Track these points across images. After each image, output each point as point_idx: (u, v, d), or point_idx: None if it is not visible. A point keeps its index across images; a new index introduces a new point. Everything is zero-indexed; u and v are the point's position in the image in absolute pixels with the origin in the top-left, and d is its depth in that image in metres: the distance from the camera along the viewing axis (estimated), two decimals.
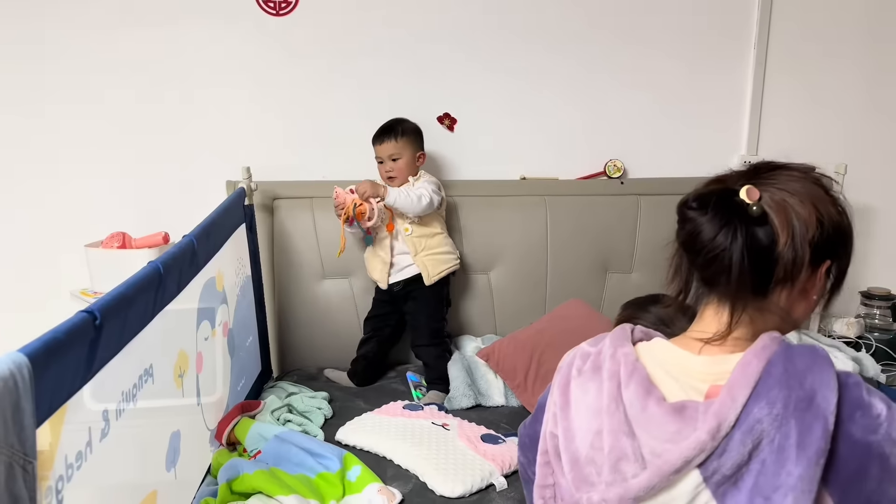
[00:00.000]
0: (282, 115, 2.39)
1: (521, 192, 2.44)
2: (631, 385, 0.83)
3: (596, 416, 0.85)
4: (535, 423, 0.99)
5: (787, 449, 0.73)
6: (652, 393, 0.81)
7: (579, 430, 0.86)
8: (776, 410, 0.74)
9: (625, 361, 0.85)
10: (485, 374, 2.08)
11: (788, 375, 0.75)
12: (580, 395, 0.87)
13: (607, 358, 0.87)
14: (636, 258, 2.43)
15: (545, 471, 0.91)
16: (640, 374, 0.84)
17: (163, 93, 2.34)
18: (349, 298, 2.32)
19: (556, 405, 0.90)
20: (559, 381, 0.91)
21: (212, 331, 1.68)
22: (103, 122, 2.34)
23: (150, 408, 1.25)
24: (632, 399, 0.82)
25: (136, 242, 2.29)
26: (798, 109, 2.58)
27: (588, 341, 0.93)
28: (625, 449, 0.81)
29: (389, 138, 2.12)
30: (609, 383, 0.85)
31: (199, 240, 1.54)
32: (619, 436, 0.82)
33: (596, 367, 0.88)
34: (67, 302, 2.27)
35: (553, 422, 0.90)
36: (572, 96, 2.49)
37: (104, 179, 2.37)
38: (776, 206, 0.82)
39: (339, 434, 1.80)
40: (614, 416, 0.83)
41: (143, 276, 1.23)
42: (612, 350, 0.87)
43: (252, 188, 2.17)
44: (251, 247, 2.14)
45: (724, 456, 0.75)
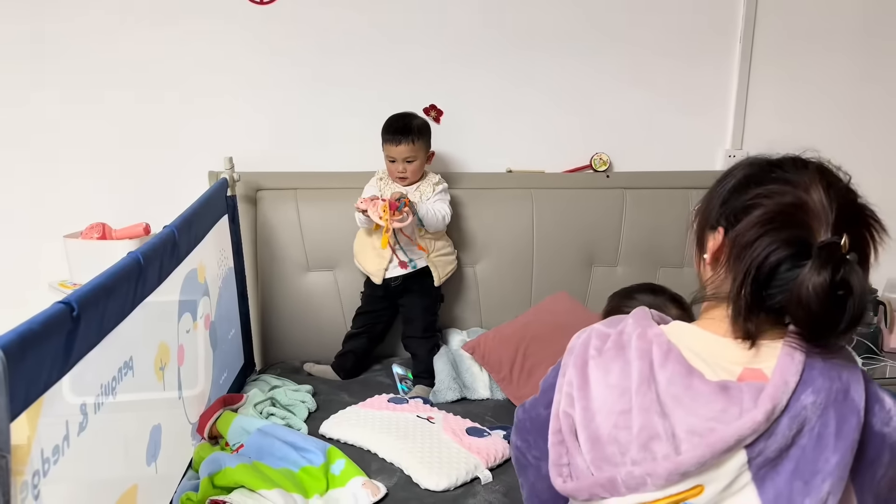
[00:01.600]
0: (266, 104, 2.36)
1: (508, 185, 2.43)
2: (668, 365, 0.82)
3: (622, 395, 0.84)
4: (538, 405, 0.97)
5: (825, 437, 0.76)
6: (693, 372, 0.81)
7: (600, 410, 0.85)
8: (820, 399, 0.77)
9: (657, 342, 0.84)
10: (470, 368, 2.07)
11: (829, 368, 0.79)
12: (601, 374, 0.86)
13: (634, 337, 0.86)
14: (621, 251, 2.43)
15: (559, 450, 0.91)
16: (676, 354, 0.83)
17: (144, 82, 2.29)
18: (334, 291, 2.30)
19: (571, 385, 0.88)
20: (575, 362, 0.89)
21: (193, 323, 1.66)
22: (83, 111, 2.29)
23: (130, 401, 1.23)
24: (671, 378, 0.82)
25: (116, 233, 2.25)
26: (783, 104, 2.59)
27: (602, 322, 0.92)
28: (656, 428, 0.81)
29: (406, 140, 2.06)
30: (640, 362, 0.84)
31: (180, 230, 1.52)
32: (651, 415, 0.81)
33: (620, 347, 0.86)
34: (46, 293, 2.23)
35: (567, 401, 0.88)
36: (559, 89, 2.48)
37: (84, 169, 2.33)
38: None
39: (323, 427, 1.79)
40: (646, 396, 0.82)
41: (122, 266, 1.20)
42: (640, 330, 0.86)
43: (235, 179, 2.14)
44: (234, 238, 2.11)
45: (771, 438, 0.77)
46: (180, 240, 1.52)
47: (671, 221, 2.44)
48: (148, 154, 2.34)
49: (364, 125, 2.33)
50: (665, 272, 2.45)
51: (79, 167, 2.32)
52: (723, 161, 2.60)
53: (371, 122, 2.22)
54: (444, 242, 2.18)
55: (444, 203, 2.14)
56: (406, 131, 2.06)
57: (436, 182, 2.16)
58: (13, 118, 2.27)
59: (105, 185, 2.35)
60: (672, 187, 2.47)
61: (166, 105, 2.32)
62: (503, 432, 1.76)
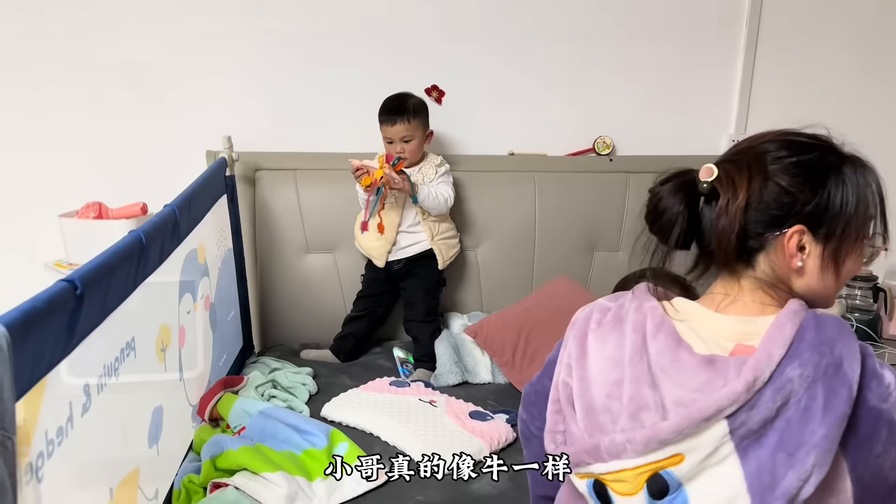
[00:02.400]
0: (264, 83, 2.32)
1: (509, 168, 2.41)
2: (659, 337, 0.84)
3: (616, 366, 0.86)
4: (543, 378, 1.01)
5: (813, 409, 0.76)
6: (682, 344, 0.83)
7: (596, 379, 0.88)
8: (807, 373, 0.77)
9: (652, 314, 0.86)
10: (471, 351, 2.06)
11: (820, 342, 0.78)
12: (598, 346, 0.89)
13: (631, 311, 0.88)
14: (623, 236, 2.42)
15: (556, 418, 0.94)
16: (669, 326, 0.85)
17: (141, 60, 2.25)
18: (333, 274, 2.28)
19: (570, 356, 0.91)
20: (575, 334, 0.92)
21: (194, 304, 1.63)
22: (79, 92, 2.25)
23: (132, 382, 1.20)
24: (661, 349, 0.84)
25: (112, 213, 2.21)
26: (789, 88, 2.58)
27: (606, 297, 0.95)
28: (646, 398, 0.83)
29: (402, 119, 2.03)
30: (633, 335, 0.86)
31: (180, 210, 1.49)
32: (641, 386, 0.83)
33: (618, 320, 0.89)
34: (42, 273, 2.20)
35: (567, 372, 0.91)
36: (563, 71, 2.45)
37: (80, 148, 2.29)
38: (725, 178, 0.85)
39: (325, 410, 1.77)
40: (637, 367, 0.84)
41: (124, 245, 1.18)
42: (637, 303, 0.89)
43: (233, 158, 2.11)
44: (232, 219, 2.08)
45: (753, 410, 0.77)
46: (181, 219, 1.49)
47: None
48: (144, 133, 2.30)
49: (364, 106, 2.28)
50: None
51: (75, 145, 2.28)
52: (726, 145, 2.58)
53: (371, 103, 2.17)
54: (448, 225, 2.16)
55: (447, 185, 2.11)
56: (401, 110, 2.04)
57: (438, 164, 2.13)
58: (7, 96, 2.22)
59: (101, 164, 2.31)
60: None
61: (164, 83, 2.28)
62: (506, 416, 1.75)
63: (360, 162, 1.96)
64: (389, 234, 2.06)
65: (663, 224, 0.89)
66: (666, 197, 0.89)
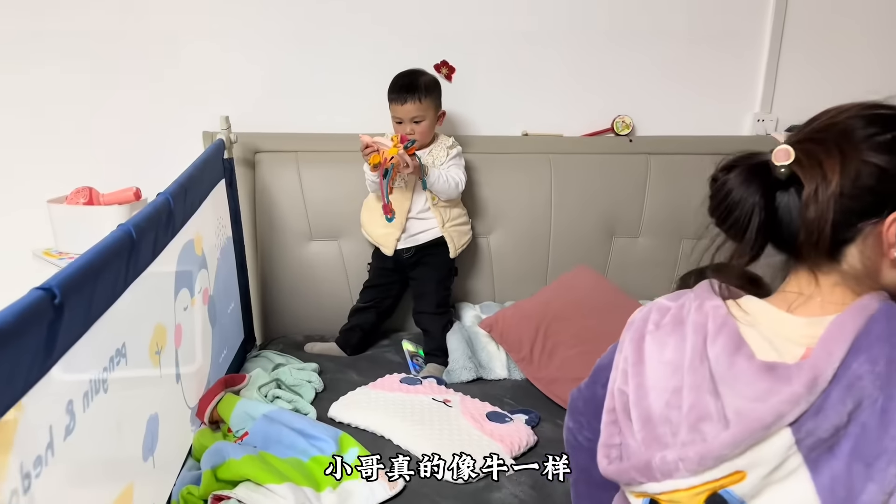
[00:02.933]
0: (264, 59, 2.18)
1: (523, 150, 2.28)
2: (719, 339, 0.76)
3: (675, 372, 0.79)
4: (594, 384, 0.94)
5: (891, 412, 0.67)
6: (741, 349, 0.75)
7: (654, 387, 0.81)
8: (878, 368, 0.68)
9: (713, 314, 0.78)
10: (486, 346, 1.95)
11: (891, 333, 0.69)
12: (656, 349, 0.82)
13: (692, 311, 0.80)
14: (644, 221, 2.30)
15: (612, 430, 0.87)
16: (731, 328, 0.77)
17: (133, 37, 2.11)
18: (338, 262, 2.16)
19: (626, 361, 0.84)
20: (632, 336, 0.85)
21: (191, 299, 1.51)
22: (67, 68, 2.11)
23: (123, 393, 1.09)
24: (719, 354, 0.76)
25: (104, 198, 2.09)
26: (817, 65, 2.44)
27: (666, 296, 0.86)
28: (707, 408, 0.75)
29: (413, 98, 1.89)
30: (694, 337, 0.78)
31: (175, 198, 1.36)
32: (702, 394, 0.76)
33: (678, 321, 0.81)
34: (30, 262, 2.08)
35: (623, 378, 0.85)
36: (579, 48, 2.31)
37: (69, 130, 2.15)
38: (807, 160, 0.74)
39: (332, 410, 1.67)
40: (697, 373, 0.77)
41: (112, 242, 1.05)
42: (699, 303, 0.80)
43: (232, 140, 1.98)
44: (231, 205, 1.96)
45: (819, 415, 0.69)
46: (175, 208, 1.37)
47: (697, 190, 2.28)
48: (138, 113, 2.17)
49: (370, 83, 2.16)
50: (689, 244, 2.32)
51: (64, 127, 2.15)
52: (751, 126, 2.45)
53: (377, 81, 2.05)
54: (460, 211, 2.04)
55: (459, 168, 1.99)
56: (412, 88, 1.90)
57: (449, 145, 2.00)
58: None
59: (92, 146, 2.18)
60: (699, 153, 2.32)
61: (157, 61, 2.14)
62: (525, 416, 1.65)
63: (371, 139, 1.83)
64: (399, 219, 1.94)
65: (737, 219, 0.78)
66: (736, 187, 0.78)
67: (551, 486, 1.43)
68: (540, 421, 1.67)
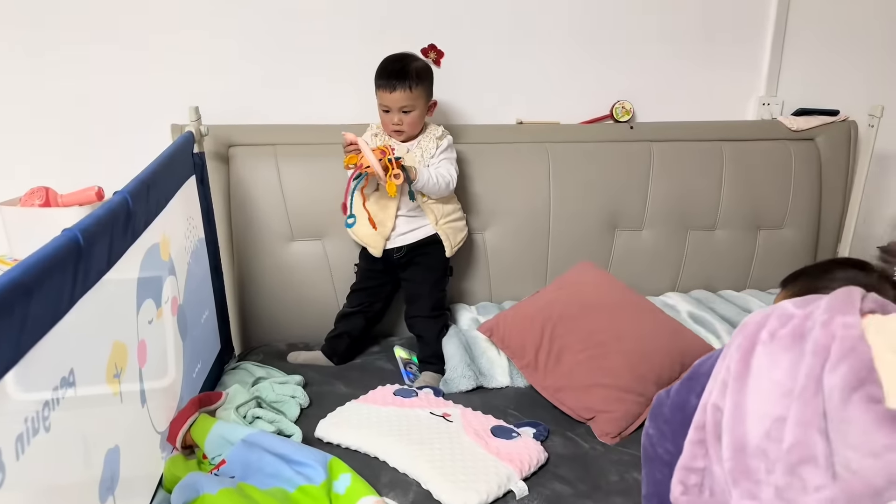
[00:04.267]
0: (238, 44, 2.00)
1: (518, 139, 2.12)
2: (840, 369, 0.62)
3: (783, 397, 0.65)
4: (686, 390, 0.79)
5: None
6: (864, 386, 0.60)
7: (754, 411, 0.67)
8: None
9: (842, 335, 0.64)
10: (486, 351, 1.79)
11: None
12: (767, 365, 0.68)
13: (817, 325, 0.65)
14: (648, 213, 2.15)
15: (696, 450, 0.73)
16: (861, 356, 0.62)
17: (94, 23, 1.92)
18: (322, 263, 1.99)
19: (728, 372, 0.70)
20: (741, 343, 0.71)
21: (157, 311, 1.34)
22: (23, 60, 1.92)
23: (71, 429, 0.92)
24: (833, 388, 0.61)
25: (62, 199, 1.90)
26: (823, 46, 2.31)
27: (794, 300, 0.71)
28: (814, 450, 0.61)
29: (403, 85, 1.72)
30: (812, 359, 0.64)
31: (135, 197, 1.20)
32: (810, 432, 0.62)
33: (798, 335, 0.67)
34: None
35: (720, 392, 0.71)
36: (576, 30, 2.16)
37: (22, 124, 1.96)
38: None
39: (320, 430, 1.50)
40: (809, 406, 0.62)
41: (52, 251, 0.89)
42: (828, 316, 0.66)
43: (202, 133, 1.81)
44: (203, 204, 1.78)
45: None
46: (136, 208, 1.20)
47: (702, 178, 2.17)
48: (99, 104, 1.99)
49: (353, 70, 2.01)
50: (695, 235, 2.19)
51: (16, 120, 1.96)
52: (755, 110, 2.32)
53: (360, 67, 1.89)
54: (454, 206, 1.88)
55: (450, 162, 1.82)
56: (402, 75, 1.73)
57: (439, 136, 1.84)
58: None
59: (48, 142, 1.99)
60: (703, 139, 2.19)
61: (121, 45, 1.95)
62: (533, 430, 1.50)
63: (355, 137, 1.66)
64: (387, 219, 1.78)
65: None
66: None
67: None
68: (549, 434, 1.53)
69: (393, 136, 1.81)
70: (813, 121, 2.24)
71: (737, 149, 2.18)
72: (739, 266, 2.22)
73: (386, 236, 1.79)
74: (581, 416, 1.58)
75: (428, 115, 1.84)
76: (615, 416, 1.54)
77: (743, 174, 2.18)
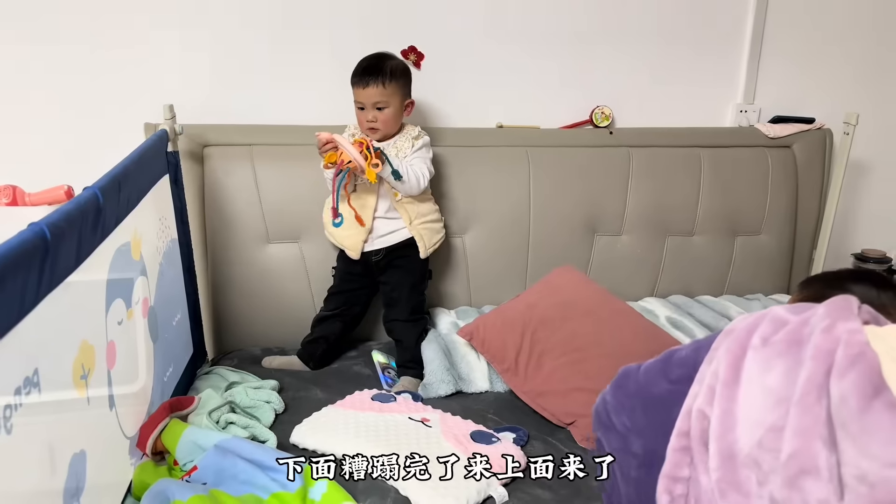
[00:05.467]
0: (214, 42, 1.97)
1: (498, 143, 2.11)
2: (850, 375, 0.59)
3: (778, 405, 0.62)
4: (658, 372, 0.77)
5: None
6: (881, 393, 0.58)
7: (745, 418, 0.64)
8: None
9: (848, 341, 0.61)
10: (465, 356, 1.77)
11: None
12: (758, 371, 0.65)
13: (817, 331, 0.63)
14: (627, 218, 2.15)
15: (681, 458, 0.70)
16: (871, 362, 0.59)
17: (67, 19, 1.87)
18: (299, 266, 1.96)
19: (716, 377, 0.68)
20: (730, 347, 0.68)
21: (127, 311, 1.30)
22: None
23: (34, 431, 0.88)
24: (846, 394, 0.58)
25: (30, 198, 1.83)
26: (800, 54, 2.34)
27: (785, 305, 0.70)
28: (816, 460, 0.58)
29: (376, 82, 1.71)
30: (813, 365, 0.61)
31: (105, 193, 1.16)
32: (812, 441, 0.59)
33: (794, 341, 0.65)
34: None
35: (707, 398, 0.68)
36: (556, 34, 2.16)
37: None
38: None
39: (295, 435, 1.47)
40: (810, 412, 0.59)
41: (18, 244, 0.85)
42: (829, 322, 0.63)
43: (177, 131, 1.76)
44: (177, 203, 1.74)
45: None
46: (106, 206, 1.16)
47: (681, 184, 2.18)
48: (70, 101, 1.94)
49: (331, 70, 1.98)
50: (674, 241, 2.19)
51: None
52: (733, 117, 2.34)
53: (339, 67, 1.87)
54: (431, 207, 1.85)
55: (424, 161, 1.79)
56: (376, 71, 1.72)
57: (415, 136, 1.82)
58: None
59: (16, 139, 1.94)
60: (681, 146, 2.20)
61: (93, 41, 1.91)
62: (513, 435, 1.48)
63: (329, 135, 1.64)
64: (366, 221, 1.76)
65: None
66: None
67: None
68: (529, 439, 1.51)
69: (368, 135, 1.79)
70: (789, 128, 2.26)
71: (715, 155, 2.20)
72: (717, 272, 2.23)
73: (364, 238, 1.76)
74: (561, 420, 1.56)
75: (405, 115, 1.82)
76: None
77: (721, 180, 2.19)
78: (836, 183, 2.21)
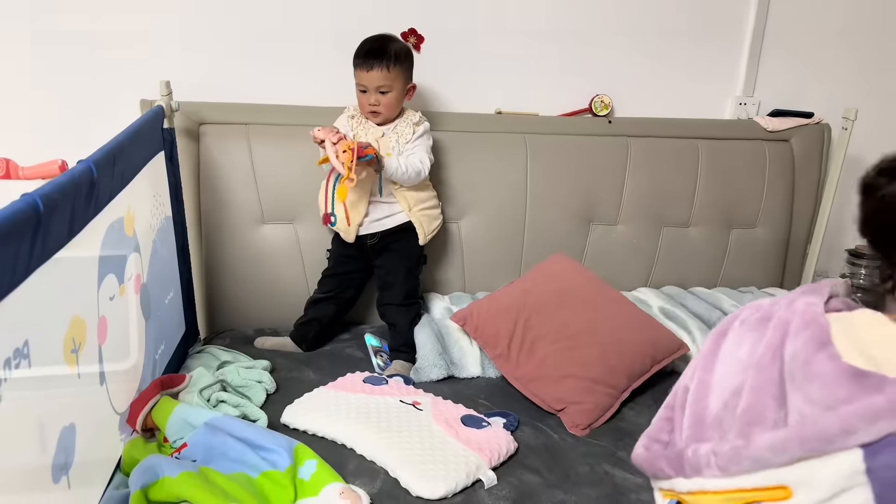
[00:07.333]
0: (211, 20, 1.95)
1: (496, 129, 2.10)
2: (802, 335, 0.65)
3: (743, 371, 0.68)
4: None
5: None
6: (826, 348, 0.63)
7: (717, 385, 0.71)
8: None
9: (804, 310, 0.67)
10: (458, 341, 1.77)
11: None
12: (733, 345, 0.72)
13: (782, 307, 0.69)
14: (623, 208, 2.15)
15: (664, 425, 0.77)
16: (819, 325, 0.65)
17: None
18: (294, 247, 1.95)
19: (700, 355, 0.75)
20: (717, 330, 0.76)
21: (119, 287, 1.30)
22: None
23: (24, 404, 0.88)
24: (796, 351, 0.64)
25: (24, 172, 1.81)
26: (800, 48, 2.32)
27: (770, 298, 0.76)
28: (764, 411, 0.64)
29: (380, 65, 1.69)
30: (773, 332, 0.67)
31: (100, 167, 1.15)
32: (764, 396, 0.65)
33: (765, 318, 0.71)
34: None
35: (690, 373, 0.75)
36: (557, 22, 2.14)
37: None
38: None
39: (286, 415, 1.47)
40: (765, 372, 0.66)
41: (10, 214, 0.85)
42: (792, 297, 0.70)
43: (173, 108, 1.75)
44: (172, 180, 1.73)
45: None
46: (100, 180, 1.15)
47: (678, 175, 2.17)
48: (66, 76, 1.92)
49: (330, 49, 1.96)
50: (669, 232, 2.19)
51: None
52: (732, 110, 2.33)
53: (338, 47, 1.86)
54: (429, 194, 1.85)
55: (424, 150, 1.78)
56: (380, 54, 1.70)
57: (416, 121, 1.81)
58: None
59: (11, 112, 1.92)
60: (680, 136, 2.19)
61: (89, 15, 1.88)
62: (503, 420, 1.49)
63: (324, 134, 1.58)
64: (360, 204, 1.75)
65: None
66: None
67: (535, 498, 1.27)
68: (519, 425, 1.51)
69: (369, 118, 1.78)
70: (788, 122, 2.26)
71: (713, 147, 2.19)
72: (711, 264, 2.23)
73: (359, 222, 1.76)
74: (552, 407, 1.57)
75: (407, 99, 1.81)
76: (586, 408, 1.53)
77: (718, 172, 2.19)
78: (833, 178, 2.21)
